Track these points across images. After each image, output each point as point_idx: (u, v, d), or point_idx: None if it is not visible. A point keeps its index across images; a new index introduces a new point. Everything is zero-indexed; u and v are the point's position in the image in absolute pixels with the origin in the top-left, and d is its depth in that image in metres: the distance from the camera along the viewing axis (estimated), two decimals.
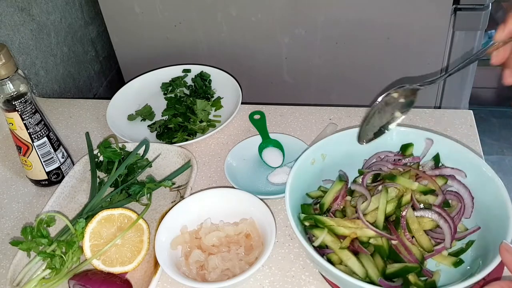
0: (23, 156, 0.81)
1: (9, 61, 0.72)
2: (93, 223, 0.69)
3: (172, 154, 0.84)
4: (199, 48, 1.23)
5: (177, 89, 1.05)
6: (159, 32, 1.22)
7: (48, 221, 0.70)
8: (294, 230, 0.60)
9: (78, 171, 0.82)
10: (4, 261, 0.73)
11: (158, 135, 0.94)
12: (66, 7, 1.21)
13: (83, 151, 0.89)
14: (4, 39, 0.99)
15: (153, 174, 0.83)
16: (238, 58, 1.23)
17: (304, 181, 0.69)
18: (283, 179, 0.79)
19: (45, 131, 0.80)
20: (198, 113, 0.95)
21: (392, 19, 1.09)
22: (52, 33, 1.15)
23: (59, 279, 0.65)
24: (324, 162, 0.72)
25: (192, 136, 0.92)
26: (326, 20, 1.12)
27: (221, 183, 0.82)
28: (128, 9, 1.20)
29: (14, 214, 0.81)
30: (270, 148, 0.86)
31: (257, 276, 0.67)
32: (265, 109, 0.96)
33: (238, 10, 1.14)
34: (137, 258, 0.68)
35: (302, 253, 0.69)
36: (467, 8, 1.04)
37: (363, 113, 0.92)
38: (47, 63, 1.14)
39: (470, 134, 0.86)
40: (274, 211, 0.76)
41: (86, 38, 1.31)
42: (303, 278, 0.66)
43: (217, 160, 0.86)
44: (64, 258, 0.66)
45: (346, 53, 1.16)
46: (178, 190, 0.80)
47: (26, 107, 0.76)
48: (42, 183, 0.84)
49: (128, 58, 1.31)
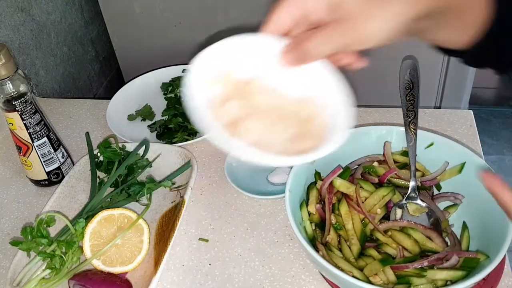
0: (23, 156, 0.81)
1: (9, 61, 0.72)
2: (93, 223, 0.69)
3: (172, 154, 0.84)
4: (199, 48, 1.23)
5: (177, 89, 1.05)
6: (159, 32, 1.22)
7: (48, 221, 0.70)
8: (294, 230, 0.60)
9: (78, 171, 0.82)
10: (4, 261, 0.73)
11: (158, 135, 0.94)
12: (66, 7, 1.21)
13: (83, 151, 0.89)
14: (4, 39, 0.99)
15: (153, 174, 0.83)
16: None
17: (304, 181, 0.69)
18: (283, 179, 0.79)
19: (45, 131, 0.80)
20: None
21: None
22: (52, 33, 1.15)
23: (59, 279, 0.65)
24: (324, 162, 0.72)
25: (192, 136, 0.92)
26: None
27: (221, 183, 0.82)
28: (128, 9, 1.20)
29: (14, 214, 0.81)
30: None
31: (257, 276, 0.67)
32: None
33: (238, 10, 1.14)
34: (137, 258, 0.68)
35: (302, 253, 0.69)
36: None
37: (363, 113, 0.92)
38: (47, 63, 1.14)
39: (470, 134, 0.85)
40: (274, 211, 0.76)
41: (86, 38, 1.31)
42: (303, 278, 0.66)
43: (217, 160, 0.86)
44: (64, 258, 0.66)
45: None
46: (178, 190, 0.79)
47: (26, 107, 0.76)
48: (42, 183, 0.84)
49: (128, 58, 1.31)
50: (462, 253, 0.60)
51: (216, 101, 0.48)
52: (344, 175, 0.68)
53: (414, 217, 0.65)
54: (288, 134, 0.48)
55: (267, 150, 0.46)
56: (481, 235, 0.62)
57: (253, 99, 0.49)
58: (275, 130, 0.48)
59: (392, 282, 0.58)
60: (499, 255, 0.54)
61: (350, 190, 0.67)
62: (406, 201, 0.66)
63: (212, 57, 0.49)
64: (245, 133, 0.46)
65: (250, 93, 0.49)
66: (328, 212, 0.66)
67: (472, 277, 0.53)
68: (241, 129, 0.47)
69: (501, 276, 0.61)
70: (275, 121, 0.48)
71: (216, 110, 0.47)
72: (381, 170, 0.70)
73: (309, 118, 0.49)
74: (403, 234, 0.63)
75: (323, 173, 0.70)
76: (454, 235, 0.65)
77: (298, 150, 0.47)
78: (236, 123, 0.47)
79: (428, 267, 0.59)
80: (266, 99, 0.49)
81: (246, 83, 0.50)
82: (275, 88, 0.50)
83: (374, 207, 0.66)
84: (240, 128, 0.47)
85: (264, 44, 0.48)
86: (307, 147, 0.47)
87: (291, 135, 0.48)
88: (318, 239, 0.65)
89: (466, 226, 0.65)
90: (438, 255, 0.60)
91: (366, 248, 0.63)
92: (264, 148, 0.46)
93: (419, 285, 0.58)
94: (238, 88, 0.50)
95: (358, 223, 0.65)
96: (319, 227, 0.67)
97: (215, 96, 0.49)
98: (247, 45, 0.49)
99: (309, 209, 0.67)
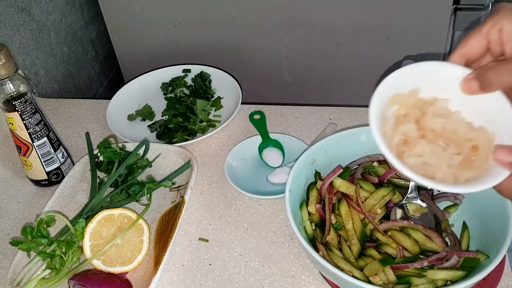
0: (23, 156, 0.81)
1: (9, 61, 0.72)
2: (93, 223, 0.69)
3: (172, 154, 0.84)
4: (199, 48, 1.23)
5: (177, 89, 1.05)
6: (159, 32, 1.22)
7: (48, 221, 0.70)
8: (294, 230, 0.60)
9: (78, 171, 0.82)
10: (4, 261, 0.73)
11: (158, 135, 0.94)
12: (66, 7, 1.21)
13: (83, 151, 0.89)
14: (4, 39, 0.99)
15: (153, 174, 0.83)
16: (238, 58, 1.23)
17: (304, 181, 0.69)
18: (283, 179, 0.79)
19: (45, 131, 0.80)
20: (198, 113, 0.95)
21: (392, 19, 1.09)
22: (52, 33, 1.15)
23: (59, 279, 0.65)
24: (324, 162, 0.72)
25: (192, 136, 0.92)
26: (326, 20, 1.12)
27: (221, 183, 0.82)
28: (128, 9, 1.20)
29: (14, 214, 0.81)
30: (270, 148, 0.86)
31: (257, 276, 0.67)
32: (265, 109, 0.96)
33: (238, 10, 1.14)
34: (137, 258, 0.68)
35: (302, 253, 0.69)
36: (467, 8, 1.04)
37: (363, 113, 0.92)
38: (47, 63, 1.14)
39: None
40: (274, 211, 0.76)
41: (86, 38, 1.31)
42: (303, 278, 0.66)
43: (217, 160, 0.86)
44: (64, 258, 0.66)
45: (346, 53, 1.16)
46: (178, 190, 0.80)
47: (26, 107, 0.76)
48: (42, 183, 0.84)
49: (128, 58, 1.31)
50: (462, 253, 0.60)
51: (394, 118, 0.52)
52: (344, 175, 0.68)
53: (414, 217, 0.65)
54: (454, 161, 0.50)
55: (432, 173, 0.49)
56: (481, 235, 0.62)
57: (428, 121, 0.52)
58: (443, 155, 0.50)
59: (392, 282, 0.58)
60: (499, 255, 0.54)
61: (350, 190, 0.67)
62: (406, 201, 0.66)
63: (401, 77, 0.52)
64: (414, 155, 0.50)
65: (427, 114, 0.52)
66: (328, 212, 0.66)
67: (472, 277, 0.53)
68: (411, 151, 0.50)
69: (501, 276, 0.61)
70: (445, 146, 0.51)
71: (392, 128, 0.51)
72: (381, 170, 0.70)
73: (477, 147, 0.51)
74: (403, 234, 0.63)
75: (323, 173, 0.70)
76: (454, 235, 0.65)
77: (460, 180, 0.49)
78: (406, 143, 0.51)
79: (428, 267, 0.59)
80: (441, 123, 0.52)
81: (429, 103, 0.53)
82: (453, 113, 0.52)
83: (374, 207, 0.66)
84: (411, 150, 0.50)
85: (448, 71, 0.51)
86: (469, 176, 0.49)
87: (456, 162, 0.50)
88: (318, 239, 0.65)
89: (466, 226, 0.65)
90: (438, 255, 0.60)
91: (366, 248, 0.63)
92: (429, 171, 0.49)
93: (419, 285, 0.58)
94: (418, 107, 0.53)
95: (358, 223, 0.65)
96: (319, 227, 0.67)
97: (394, 112, 0.52)
98: (433, 70, 0.53)
99: (309, 209, 0.67)
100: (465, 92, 0.50)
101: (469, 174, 0.49)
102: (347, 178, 0.69)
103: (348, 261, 0.61)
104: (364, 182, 0.68)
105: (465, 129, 0.51)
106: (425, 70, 0.52)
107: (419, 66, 0.52)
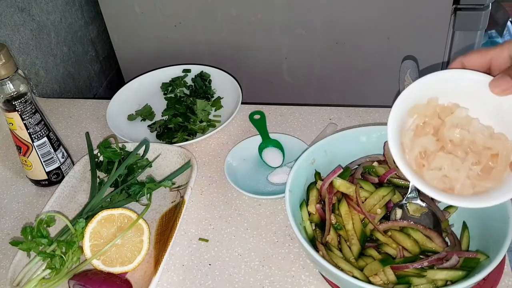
0: (23, 156, 0.81)
1: (9, 61, 0.72)
2: (93, 223, 0.69)
3: (172, 154, 0.84)
4: (199, 48, 1.23)
5: (177, 89, 1.05)
6: (159, 32, 1.22)
7: (48, 221, 0.70)
8: (294, 230, 0.60)
9: (78, 171, 0.82)
10: (4, 261, 0.73)
11: (158, 135, 0.94)
12: (66, 7, 1.21)
13: (83, 151, 0.89)
14: (4, 39, 0.99)
15: (153, 174, 0.83)
16: (238, 58, 1.23)
17: (304, 181, 0.69)
18: (283, 179, 0.79)
19: (45, 131, 0.80)
20: (198, 113, 0.95)
21: (392, 19, 1.09)
22: (52, 33, 1.15)
23: (59, 279, 0.65)
24: (324, 162, 0.72)
25: (192, 136, 0.92)
26: (326, 20, 1.12)
27: (221, 183, 0.82)
28: (128, 9, 1.20)
29: (14, 214, 0.81)
30: (270, 148, 0.86)
31: (257, 276, 0.67)
32: (265, 109, 0.96)
33: (238, 10, 1.14)
34: (137, 258, 0.68)
35: (302, 253, 0.69)
36: (467, 8, 1.04)
37: (363, 113, 0.92)
38: (47, 63, 1.14)
39: None
40: (274, 211, 0.76)
41: (86, 38, 1.31)
42: (303, 278, 0.66)
43: (217, 160, 0.86)
44: (64, 258, 0.66)
45: (346, 53, 1.16)
46: (178, 190, 0.80)
47: (26, 107, 0.76)
48: (42, 183, 0.84)
49: (128, 58, 1.31)
50: (462, 253, 0.60)
51: (412, 131, 0.53)
52: (344, 175, 0.68)
53: (414, 217, 0.65)
54: (473, 171, 0.50)
55: (451, 185, 0.50)
56: (481, 235, 0.62)
57: (446, 132, 0.52)
58: (462, 166, 0.51)
59: (392, 282, 0.58)
60: (499, 255, 0.54)
61: (350, 190, 0.67)
62: (406, 201, 0.66)
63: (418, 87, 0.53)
64: (433, 169, 0.50)
65: (445, 124, 0.52)
66: (328, 212, 0.66)
67: (472, 277, 0.53)
68: (430, 165, 0.51)
69: (501, 276, 0.61)
70: (464, 155, 0.51)
71: (411, 140, 0.52)
72: (381, 170, 0.70)
73: (496, 155, 0.51)
74: (403, 234, 0.63)
75: (323, 173, 0.70)
76: (454, 235, 0.65)
77: (479, 191, 0.50)
78: (425, 155, 0.52)
79: (428, 267, 0.59)
80: (460, 133, 0.51)
81: (448, 110, 0.53)
82: (472, 120, 0.52)
83: (374, 207, 0.66)
84: (430, 163, 0.51)
85: (468, 77, 0.51)
86: (488, 187, 0.50)
87: (475, 172, 0.50)
88: (318, 239, 0.65)
89: (466, 226, 0.65)
90: (438, 255, 0.60)
91: (366, 248, 0.63)
92: (448, 184, 0.50)
93: (419, 285, 0.58)
94: (437, 116, 0.53)
95: (358, 223, 0.65)
96: (319, 227, 0.67)
97: (413, 123, 0.53)
98: (451, 77, 0.53)
99: (309, 209, 0.67)
100: (497, 92, 0.49)
101: (487, 184, 0.50)
102: (347, 178, 0.69)
103: (348, 261, 0.61)
104: (364, 182, 0.68)
105: (484, 138, 0.51)
106: (443, 78, 0.52)
107: (437, 75, 0.52)
